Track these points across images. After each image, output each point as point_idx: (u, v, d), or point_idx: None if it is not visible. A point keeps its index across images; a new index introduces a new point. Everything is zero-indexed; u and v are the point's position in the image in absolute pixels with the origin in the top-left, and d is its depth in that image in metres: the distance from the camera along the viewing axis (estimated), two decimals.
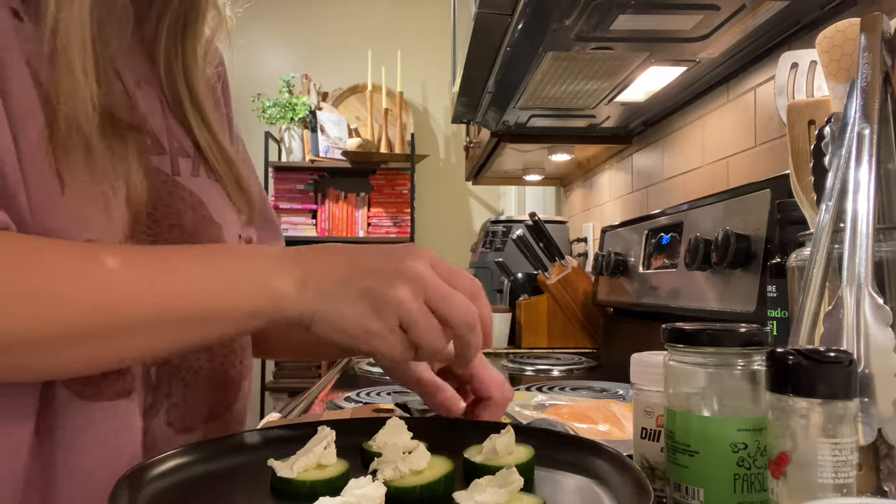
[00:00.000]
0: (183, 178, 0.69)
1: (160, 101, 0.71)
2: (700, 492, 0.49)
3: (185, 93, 0.72)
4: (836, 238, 0.52)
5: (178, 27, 0.73)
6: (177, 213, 0.67)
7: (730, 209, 1.08)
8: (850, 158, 0.53)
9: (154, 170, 0.66)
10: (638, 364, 0.60)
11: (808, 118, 0.65)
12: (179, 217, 0.67)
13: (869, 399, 0.45)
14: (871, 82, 0.55)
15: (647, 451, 0.58)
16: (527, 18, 1.07)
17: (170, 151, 0.69)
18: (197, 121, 0.72)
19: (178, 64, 0.73)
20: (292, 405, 1.20)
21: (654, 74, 1.34)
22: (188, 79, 0.73)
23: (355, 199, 3.97)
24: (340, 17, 4.06)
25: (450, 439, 0.60)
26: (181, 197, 0.68)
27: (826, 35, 0.61)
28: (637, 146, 1.88)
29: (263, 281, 0.54)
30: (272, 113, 3.74)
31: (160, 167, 0.67)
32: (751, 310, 0.96)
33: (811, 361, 0.40)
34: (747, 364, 0.49)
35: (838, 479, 0.39)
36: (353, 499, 0.46)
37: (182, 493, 0.52)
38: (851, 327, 0.48)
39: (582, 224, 2.44)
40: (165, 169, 0.68)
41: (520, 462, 0.54)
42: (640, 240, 1.47)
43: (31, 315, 0.48)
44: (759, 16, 1.05)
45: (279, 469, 0.52)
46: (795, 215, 0.66)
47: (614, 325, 1.71)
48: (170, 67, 0.72)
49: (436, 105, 4.16)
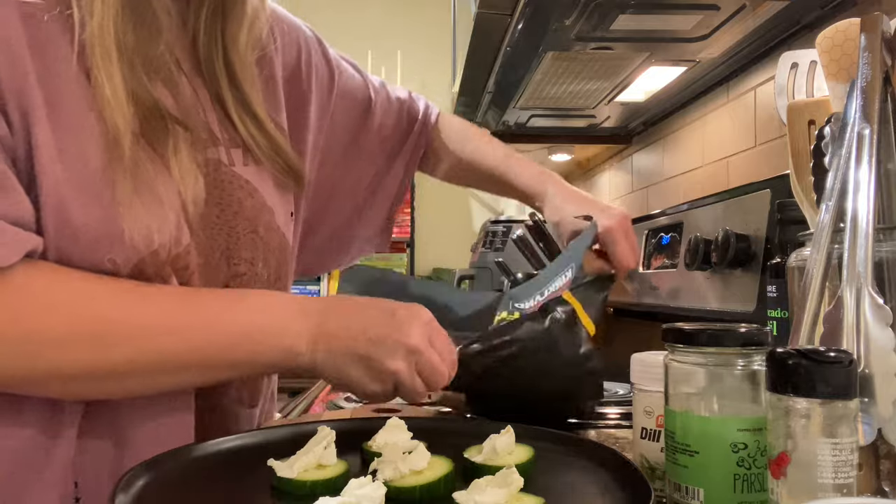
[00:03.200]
0: (238, 168, 0.72)
1: (208, 93, 0.72)
2: (700, 492, 0.49)
3: (227, 84, 0.73)
4: (836, 238, 0.52)
5: (216, 18, 0.72)
6: (238, 201, 0.71)
7: (730, 209, 1.08)
8: (850, 158, 0.53)
9: (213, 161, 0.70)
10: (638, 364, 0.60)
11: (808, 118, 0.65)
12: (241, 204, 0.71)
13: (869, 399, 0.45)
14: (871, 82, 0.55)
15: (647, 451, 0.58)
16: (527, 18, 1.07)
17: (223, 143, 0.71)
18: (239, 112, 0.73)
19: (218, 56, 0.72)
20: (292, 405, 1.20)
21: (654, 74, 1.34)
22: (230, 70, 0.73)
23: None
24: (340, 17, 4.06)
25: (450, 439, 0.60)
26: (240, 185, 0.71)
27: (826, 35, 0.61)
28: (637, 146, 1.88)
29: (281, 340, 0.63)
30: None
31: (219, 158, 0.70)
32: (751, 310, 0.96)
33: (811, 361, 0.40)
34: (747, 364, 0.49)
35: (838, 479, 0.39)
36: (353, 499, 0.46)
37: (182, 492, 0.52)
38: (851, 327, 0.48)
39: None
40: (223, 160, 0.71)
41: (520, 462, 0.54)
42: (639, 240, 1.47)
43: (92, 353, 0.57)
44: (759, 16, 1.05)
45: (279, 469, 0.52)
46: (795, 215, 0.66)
47: (614, 325, 1.71)
48: (210, 60, 0.72)
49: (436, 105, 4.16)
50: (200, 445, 0.58)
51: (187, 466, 0.55)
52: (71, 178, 0.58)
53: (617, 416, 0.97)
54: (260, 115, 0.74)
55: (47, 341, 0.56)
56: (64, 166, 0.57)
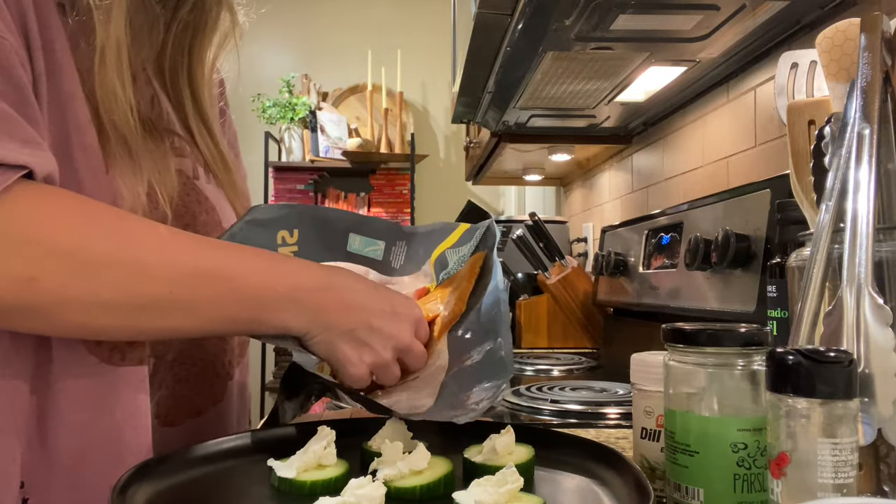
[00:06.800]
0: (200, 183, 0.73)
1: (171, 104, 0.73)
2: (700, 492, 0.49)
3: (189, 98, 0.74)
4: (836, 238, 0.52)
5: (186, 33, 0.74)
6: (192, 214, 0.70)
7: (730, 209, 1.08)
8: (850, 158, 0.53)
9: (181, 171, 0.70)
10: (638, 364, 0.60)
11: (808, 118, 0.65)
12: (194, 218, 0.71)
13: (869, 399, 0.45)
14: (871, 82, 0.55)
15: (647, 451, 0.58)
16: (527, 18, 1.07)
17: (188, 155, 0.73)
18: (200, 129, 0.74)
19: (183, 70, 0.74)
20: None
21: (654, 74, 1.34)
22: (192, 85, 0.74)
23: (355, 199, 3.97)
24: (340, 17, 4.05)
25: (450, 439, 0.60)
26: (198, 200, 0.71)
27: (826, 35, 0.61)
28: (637, 146, 1.87)
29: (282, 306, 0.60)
30: (272, 113, 3.74)
31: (183, 169, 0.71)
32: (751, 310, 0.96)
33: (811, 361, 0.40)
34: (747, 364, 0.49)
35: (838, 479, 0.39)
36: (353, 499, 0.46)
37: (182, 493, 0.52)
38: (851, 327, 0.48)
39: (582, 224, 2.44)
40: (187, 171, 0.71)
41: (520, 462, 0.54)
42: (640, 240, 1.47)
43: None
44: (759, 16, 1.05)
45: (279, 469, 0.52)
46: (795, 215, 0.66)
47: (614, 325, 1.71)
48: (175, 73, 0.74)
49: (436, 105, 4.16)
50: (200, 445, 0.58)
51: (187, 467, 0.55)
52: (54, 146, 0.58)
53: (617, 416, 0.97)
54: (216, 133, 0.76)
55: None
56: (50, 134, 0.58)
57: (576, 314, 1.89)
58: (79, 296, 0.53)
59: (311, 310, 0.61)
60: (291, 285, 0.61)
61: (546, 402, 1.04)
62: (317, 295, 0.62)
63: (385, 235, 0.79)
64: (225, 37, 0.77)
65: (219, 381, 0.74)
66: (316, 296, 0.61)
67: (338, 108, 3.98)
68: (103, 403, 0.60)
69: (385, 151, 3.85)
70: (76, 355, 0.59)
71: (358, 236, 0.77)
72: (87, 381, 0.59)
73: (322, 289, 0.62)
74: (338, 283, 0.64)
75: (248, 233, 0.70)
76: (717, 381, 0.50)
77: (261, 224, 0.71)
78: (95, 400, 0.60)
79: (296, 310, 0.60)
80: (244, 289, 0.59)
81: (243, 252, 0.62)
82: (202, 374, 0.71)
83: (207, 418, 0.72)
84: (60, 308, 0.53)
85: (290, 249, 0.72)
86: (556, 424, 0.95)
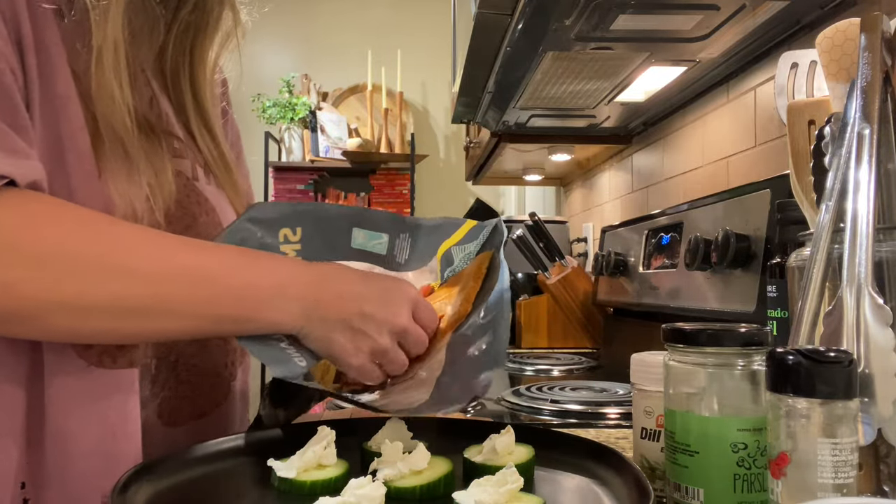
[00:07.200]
0: (200, 184, 0.72)
1: (171, 106, 0.72)
2: (700, 492, 0.49)
3: (190, 99, 0.73)
4: (836, 238, 0.52)
5: (188, 34, 0.74)
6: (192, 215, 0.70)
7: (730, 209, 1.08)
8: (850, 158, 0.53)
9: (180, 172, 0.70)
10: (638, 364, 0.60)
11: (808, 118, 0.65)
12: (194, 220, 0.70)
13: (869, 399, 0.45)
14: (871, 82, 0.55)
15: (647, 451, 0.58)
16: (527, 18, 1.07)
17: (188, 156, 0.72)
18: (201, 130, 0.73)
19: (184, 71, 0.74)
20: None
21: (654, 74, 1.34)
22: (194, 86, 0.74)
23: (355, 199, 3.97)
24: (340, 17, 4.05)
25: (450, 439, 0.60)
26: (198, 202, 0.71)
27: (826, 35, 0.61)
28: (637, 146, 1.87)
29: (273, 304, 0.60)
30: (272, 113, 3.74)
31: (182, 170, 0.71)
32: (751, 310, 0.96)
33: (811, 361, 0.40)
34: (747, 364, 0.49)
35: (838, 479, 0.39)
36: (353, 499, 0.46)
37: (182, 493, 0.52)
38: (851, 327, 0.48)
39: (582, 224, 2.44)
40: (187, 173, 0.71)
41: (520, 462, 0.54)
42: (640, 240, 1.47)
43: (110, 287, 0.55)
44: (759, 16, 1.05)
45: (279, 469, 0.52)
46: (795, 215, 0.66)
47: (614, 325, 1.71)
48: (176, 73, 0.73)
49: (436, 105, 4.16)
50: (200, 446, 0.58)
51: (187, 467, 0.55)
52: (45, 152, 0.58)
53: (617, 416, 0.97)
54: (218, 133, 0.75)
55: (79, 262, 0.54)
56: (42, 139, 0.58)
57: (576, 314, 1.89)
58: (63, 300, 0.53)
59: (301, 304, 0.60)
60: (277, 282, 0.61)
61: (546, 402, 1.04)
62: (305, 289, 0.61)
63: (388, 227, 0.77)
64: (227, 36, 0.77)
65: (221, 383, 0.74)
66: (304, 290, 0.61)
67: (338, 108, 3.97)
68: (95, 407, 0.60)
69: (385, 151, 3.85)
70: (66, 359, 0.59)
71: (361, 231, 0.76)
72: (79, 385, 0.59)
73: (309, 283, 0.62)
74: (325, 276, 0.63)
75: (247, 230, 0.69)
76: (717, 381, 0.50)
77: (260, 222, 0.70)
78: (87, 403, 0.60)
79: (285, 305, 0.60)
80: (230, 288, 0.59)
81: (228, 252, 0.62)
82: (205, 375, 0.71)
83: (210, 419, 0.72)
84: (45, 313, 0.53)
85: (292, 248, 0.72)
86: (556, 424, 0.95)
